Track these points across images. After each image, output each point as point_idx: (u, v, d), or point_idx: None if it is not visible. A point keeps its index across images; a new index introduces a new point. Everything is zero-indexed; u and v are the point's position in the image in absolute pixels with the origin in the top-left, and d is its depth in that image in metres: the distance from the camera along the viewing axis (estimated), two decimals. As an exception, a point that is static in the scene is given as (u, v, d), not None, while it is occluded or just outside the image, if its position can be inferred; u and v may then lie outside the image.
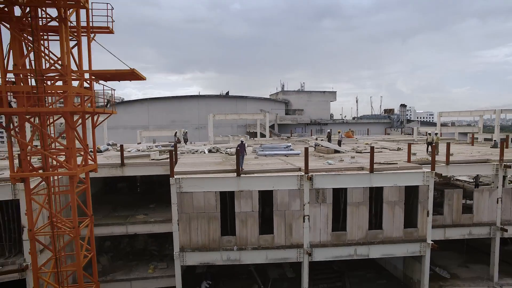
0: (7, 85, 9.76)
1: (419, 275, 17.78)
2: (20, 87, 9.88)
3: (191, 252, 16.13)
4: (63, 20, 10.02)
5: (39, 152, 10.63)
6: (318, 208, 16.12)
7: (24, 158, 10.41)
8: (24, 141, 10.36)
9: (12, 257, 15.28)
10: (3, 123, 10.49)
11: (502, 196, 18.71)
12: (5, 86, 9.70)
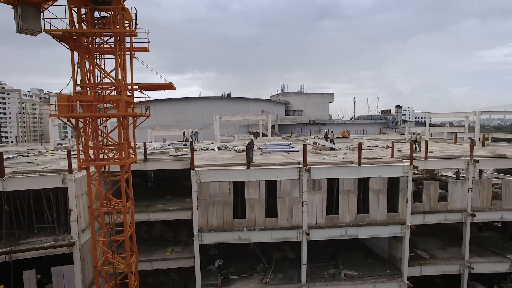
0: (76, 95, 12.85)
1: (400, 253, 20.92)
2: (86, 96, 12.95)
3: (208, 232, 19.24)
4: (118, 44, 13.12)
5: (99, 147, 13.69)
6: (314, 195, 19.25)
7: (86, 151, 13.49)
8: (88, 138, 13.44)
9: (61, 235, 18.38)
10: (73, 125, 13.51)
11: (472, 186, 21.84)
12: (75, 96, 12.79)
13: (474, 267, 22.23)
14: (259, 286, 19.99)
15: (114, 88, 13.43)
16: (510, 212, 22.22)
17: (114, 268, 14.33)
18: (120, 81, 13.15)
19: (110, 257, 14.72)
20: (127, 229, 14.18)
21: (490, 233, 27.75)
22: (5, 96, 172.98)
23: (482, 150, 27.09)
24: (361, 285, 20.32)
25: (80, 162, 13.58)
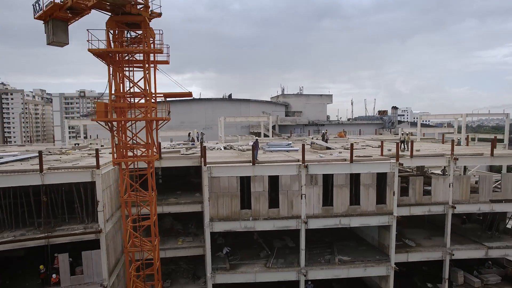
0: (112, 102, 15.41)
1: (388, 241, 23.50)
2: (120, 104, 15.48)
3: (217, 221, 21.82)
4: (146, 59, 15.68)
5: (131, 146, 16.24)
6: (312, 189, 21.85)
7: (118, 150, 16.03)
8: (120, 138, 15.99)
9: (89, 224, 20.95)
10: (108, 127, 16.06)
11: (453, 182, 24.45)
12: (111, 103, 15.33)
13: (455, 253, 24.84)
14: (263, 269, 22.57)
15: (143, 96, 15.98)
16: (486, 204, 24.86)
17: (141, 249, 16.89)
18: (148, 91, 15.71)
19: (137, 240, 17.28)
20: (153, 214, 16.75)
21: (472, 225, 30.39)
22: (8, 96, 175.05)
23: (464, 149, 29.73)
24: (353, 268, 22.94)
25: (114, 158, 16.15)
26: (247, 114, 68.18)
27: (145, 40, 15.40)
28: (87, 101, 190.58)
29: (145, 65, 15.68)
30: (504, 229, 28.19)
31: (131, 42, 16.21)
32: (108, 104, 15.38)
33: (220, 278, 22.14)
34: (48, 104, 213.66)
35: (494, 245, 25.64)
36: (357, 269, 22.93)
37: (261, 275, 22.37)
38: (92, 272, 20.83)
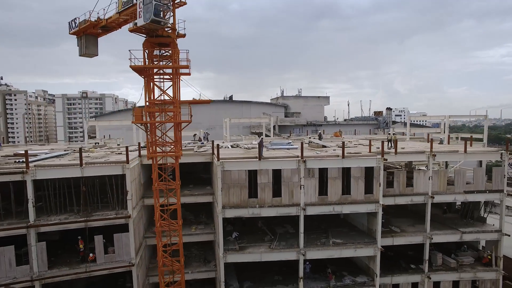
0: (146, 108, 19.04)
1: (376, 226, 27.15)
2: (153, 109, 19.07)
3: (229, 209, 25.44)
4: (174, 73, 19.31)
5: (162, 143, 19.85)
6: (309, 181, 25.52)
7: (151, 146, 19.64)
8: (153, 137, 19.59)
9: (120, 210, 24.58)
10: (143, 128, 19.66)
11: (432, 175, 28.18)
12: (146, 108, 18.95)
13: (434, 237, 28.58)
14: (267, 250, 26.23)
15: (171, 103, 19.61)
16: (461, 194, 28.63)
17: (169, 228, 20.53)
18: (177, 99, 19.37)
19: (164, 222, 20.91)
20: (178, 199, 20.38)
21: (452, 215, 34.15)
22: (12, 97, 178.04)
23: (444, 147, 33.50)
24: (345, 249, 26.64)
25: (148, 154, 19.78)
26: (249, 115, 71.85)
27: (173, 57, 19.05)
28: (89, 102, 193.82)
29: (174, 78, 19.32)
30: (478, 217, 31.98)
31: (161, 59, 19.84)
32: (144, 109, 19.00)
33: (230, 257, 25.75)
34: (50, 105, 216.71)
35: (467, 230, 29.42)
36: (348, 250, 26.63)
37: (266, 255, 26.03)
38: (122, 251, 24.51)
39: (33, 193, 22.13)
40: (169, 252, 21.99)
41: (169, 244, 21.95)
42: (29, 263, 22.46)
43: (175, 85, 19.31)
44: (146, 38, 19.28)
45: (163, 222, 21.22)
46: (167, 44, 19.58)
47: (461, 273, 29.46)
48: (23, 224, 22.12)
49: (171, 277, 22.52)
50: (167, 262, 21.81)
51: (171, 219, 21.90)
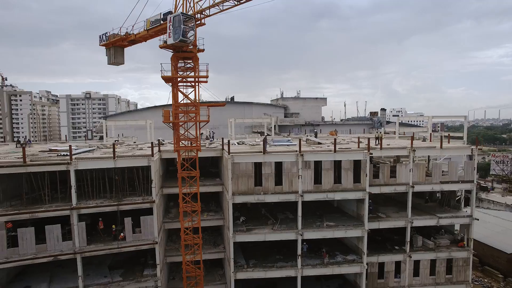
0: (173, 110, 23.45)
1: (363, 211, 31.57)
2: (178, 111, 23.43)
3: (237, 195, 29.81)
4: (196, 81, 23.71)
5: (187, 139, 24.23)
6: (306, 171, 29.93)
7: (178, 142, 24.03)
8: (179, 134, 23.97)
9: (145, 197, 28.95)
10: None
11: (412, 168, 32.62)
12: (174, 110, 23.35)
13: (414, 222, 33.02)
14: (270, 231, 30.65)
15: (193, 105, 24.01)
16: (437, 184, 33.11)
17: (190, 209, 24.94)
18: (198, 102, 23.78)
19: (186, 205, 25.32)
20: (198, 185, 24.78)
21: (433, 204, 38.57)
22: (17, 98, 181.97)
23: (423, 143, 38.01)
24: (337, 231, 31.08)
25: (175, 147, 24.18)
26: (250, 116, 76.19)
27: (195, 69, 23.46)
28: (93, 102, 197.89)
29: (195, 86, 23.71)
30: (453, 205, 36.48)
31: (185, 70, 24.24)
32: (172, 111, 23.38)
33: (239, 237, 30.14)
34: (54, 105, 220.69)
35: (443, 215, 33.92)
36: (340, 231, 31.09)
37: (269, 235, 30.46)
38: (147, 231, 28.91)
39: (75, 180, 26.49)
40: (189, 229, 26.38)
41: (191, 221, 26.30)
42: (72, 239, 26.83)
43: (196, 91, 23.75)
44: (173, 53, 23.67)
45: (185, 204, 25.63)
46: (190, 58, 23.98)
47: (438, 253, 33.93)
48: (67, 206, 26.49)
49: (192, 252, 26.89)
50: (189, 238, 26.19)
51: (191, 202, 26.29)
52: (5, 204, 26.67)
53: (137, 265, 31.86)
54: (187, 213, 26.39)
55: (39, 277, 29.07)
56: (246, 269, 30.57)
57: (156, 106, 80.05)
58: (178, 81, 24.08)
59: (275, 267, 31.01)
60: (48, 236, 26.29)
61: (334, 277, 34.88)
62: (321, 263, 31.53)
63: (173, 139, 24.36)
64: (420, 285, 34.07)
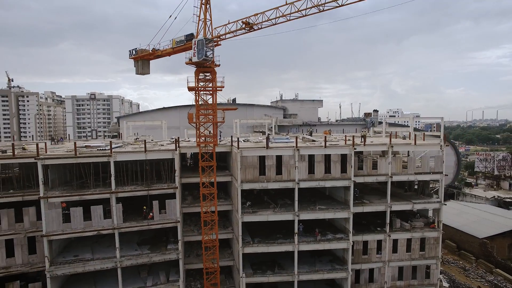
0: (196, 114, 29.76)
1: (349, 197, 37.87)
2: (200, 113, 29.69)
3: (245, 183, 36.08)
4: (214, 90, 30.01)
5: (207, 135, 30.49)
6: (301, 163, 36.25)
7: (199, 138, 30.30)
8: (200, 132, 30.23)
9: (169, 184, 35.22)
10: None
11: (391, 161, 38.96)
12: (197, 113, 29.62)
13: (392, 206, 39.37)
14: (272, 213, 36.93)
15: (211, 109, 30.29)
16: (412, 175, 39.48)
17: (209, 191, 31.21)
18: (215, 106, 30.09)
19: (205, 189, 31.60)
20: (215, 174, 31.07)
21: (411, 193, 44.97)
22: (25, 99, 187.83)
23: (401, 141, 44.41)
24: (327, 212, 37.42)
25: (198, 142, 30.46)
26: (252, 117, 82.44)
27: (213, 80, 29.77)
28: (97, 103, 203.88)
29: (213, 94, 30.00)
30: (427, 193, 42.91)
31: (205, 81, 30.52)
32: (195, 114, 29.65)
33: (246, 218, 36.39)
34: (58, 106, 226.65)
35: (418, 201, 40.34)
36: (330, 213, 37.43)
37: (271, 216, 36.75)
38: (171, 212, 35.16)
39: (114, 170, 32.74)
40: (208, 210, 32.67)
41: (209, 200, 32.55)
42: (111, 218, 33.07)
43: (214, 97, 30.03)
44: (196, 68, 29.97)
45: (204, 189, 31.92)
46: (209, 71, 30.30)
47: (413, 233, 40.32)
48: (108, 191, 32.75)
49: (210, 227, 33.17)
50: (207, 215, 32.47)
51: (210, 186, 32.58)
52: (59, 188, 32.97)
53: (160, 242, 38.12)
54: (205, 196, 32.67)
55: (82, 249, 35.34)
56: (252, 245, 36.90)
57: (164, 108, 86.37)
58: (199, 90, 30.40)
59: (276, 243, 37.36)
60: (92, 215, 32.56)
61: (325, 254, 41.25)
62: (314, 240, 37.86)
63: (196, 136, 30.67)
64: (398, 260, 40.46)
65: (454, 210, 69.78)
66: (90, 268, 32.93)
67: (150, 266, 37.96)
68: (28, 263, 32.44)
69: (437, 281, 41.15)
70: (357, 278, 40.32)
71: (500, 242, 55.86)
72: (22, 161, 31.87)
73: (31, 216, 32.26)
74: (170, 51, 33.37)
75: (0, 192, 31.98)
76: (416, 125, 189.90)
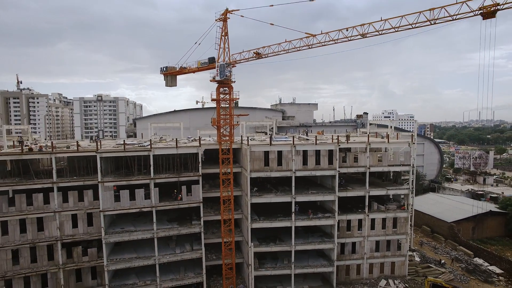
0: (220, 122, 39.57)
1: (335, 184, 47.72)
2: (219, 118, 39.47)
3: (253, 172, 45.92)
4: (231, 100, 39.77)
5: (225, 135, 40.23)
6: (297, 157, 46.12)
7: (219, 136, 40.04)
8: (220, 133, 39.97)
9: (194, 172, 45.00)
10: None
11: (369, 155, 48.88)
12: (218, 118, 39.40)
13: (370, 192, 49.31)
14: (274, 196, 46.76)
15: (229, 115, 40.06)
16: (386, 167, 49.47)
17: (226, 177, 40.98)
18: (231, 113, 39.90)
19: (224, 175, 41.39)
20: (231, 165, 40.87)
21: (388, 182, 54.94)
22: (35, 100, 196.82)
23: (379, 139, 54.36)
24: (317, 195, 47.28)
25: (219, 140, 40.24)
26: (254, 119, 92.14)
27: (230, 93, 39.56)
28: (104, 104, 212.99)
29: (230, 103, 39.77)
30: (400, 182, 52.93)
31: (224, 94, 40.29)
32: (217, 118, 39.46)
33: (254, 200, 46.18)
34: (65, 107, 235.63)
35: (391, 188, 50.33)
36: (320, 196, 47.32)
37: (274, 198, 46.60)
38: (196, 195, 44.93)
39: (153, 161, 42.46)
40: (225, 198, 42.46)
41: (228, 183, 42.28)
42: (150, 198, 42.78)
43: (230, 106, 39.83)
44: (218, 84, 39.78)
45: (223, 175, 41.75)
46: (227, 86, 40.10)
47: (387, 213, 50.27)
48: (148, 177, 42.49)
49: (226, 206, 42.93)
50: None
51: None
52: (111, 175, 42.71)
53: (185, 220, 47.85)
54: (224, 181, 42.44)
55: (125, 224, 45.07)
56: (258, 221, 46.73)
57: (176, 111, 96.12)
58: (219, 101, 40.19)
59: (277, 220, 47.21)
60: (136, 196, 42.27)
61: (316, 231, 51.15)
62: (308, 218, 47.73)
63: (217, 135, 40.46)
64: (375, 235, 50.38)
65: (431, 200, 79.98)
66: (134, 237, 42.66)
67: (176, 240, 47.73)
68: (87, 233, 42.09)
69: (406, 252, 51.14)
70: (342, 250, 50.20)
71: (465, 226, 65.91)
72: (85, 154, 41.58)
73: (89, 197, 41.89)
74: (195, 70, 43.21)
75: (67, 178, 41.61)
76: (411, 126, 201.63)
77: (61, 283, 40.97)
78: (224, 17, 38.01)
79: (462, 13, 25.18)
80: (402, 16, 27.99)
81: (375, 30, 30.12)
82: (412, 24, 27.76)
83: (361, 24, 30.69)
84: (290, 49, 36.30)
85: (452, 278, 50.80)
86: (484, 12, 24.42)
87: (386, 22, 28.70)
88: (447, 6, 26.06)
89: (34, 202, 40.03)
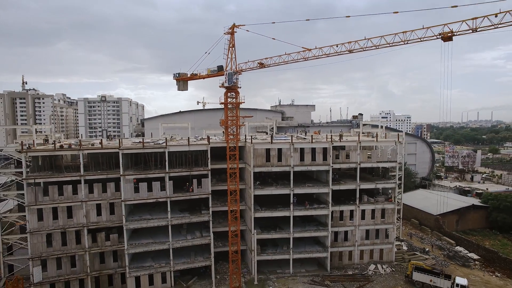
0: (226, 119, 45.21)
1: (329, 178, 53.42)
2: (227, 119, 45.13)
3: (256, 167, 51.58)
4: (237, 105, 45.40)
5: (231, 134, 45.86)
6: (295, 153, 51.80)
7: (227, 135, 45.64)
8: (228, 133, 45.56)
9: (204, 167, 50.63)
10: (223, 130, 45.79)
11: (359, 152, 54.58)
12: (226, 119, 45.03)
13: (361, 185, 55.05)
14: (274, 189, 52.43)
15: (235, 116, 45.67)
16: (375, 163, 55.19)
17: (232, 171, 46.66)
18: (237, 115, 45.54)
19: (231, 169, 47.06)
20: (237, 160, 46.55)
21: (377, 177, 60.68)
22: (40, 101, 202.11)
23: (369, 139, 60.14)
24: (313, 188, 53.00)
25: (226, 138, 45.86)
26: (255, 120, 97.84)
27: (236, 97, 45.20)
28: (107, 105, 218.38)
29: (236, 107, 45.41)
30: (388, 176, 58.70)
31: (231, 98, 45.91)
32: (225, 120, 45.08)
33: (256, 192, 51.85)
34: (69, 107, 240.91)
35: (379, 182, 56.09)
36: (315, 189, 53.03)
37: (274, 190, 52.27)
38: (205, 187, 50.60)
39: (168, 157, 48.06)
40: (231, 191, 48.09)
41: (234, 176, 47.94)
42: (165, 190, 48.41)
43: (237, 109, 45.48)
44: (226, 90, 45.43)
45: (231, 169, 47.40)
46: (234, 91, 45.76)
47: (376, 205, 56.03)
48: (163, 171, 48.12)
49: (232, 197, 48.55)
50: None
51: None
52: (131, 169, 48.34)
53: (195, 210, 53.50)
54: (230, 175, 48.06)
55: (142, 214, 50.69)
56: (260, 211, 52.41)
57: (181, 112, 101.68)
58: (227, 104, 45.85)
59: (277, 210, 52.92)
60: (153, 188, 47.90)
61: (312, 221, 56.90)
62: (304, 208, 53.44)
63: (225, 134, 46.04)
64: (365, 225, 56.12)
65: (420, 196, 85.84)
66: (151, 224, 48.31)
67: (187, 228, 53.36)
68: (110, 220, 47.66)
69: (393, 240, 56.90)
70: (335, 238, 55.89)
71: (450, 218, 71.68)
72: (109, 151, 47.13)
73: (112, 188, 47.46)
74: (204, 76, 48.89)
75: (93, 172, 47.21)
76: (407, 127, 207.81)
77: (87, 264, 46.53)
78: (232, 31, 43.66)
79: (427, 37, 31.07)
80: (381, 36, 33.80)
81: (360, 47, 35.83)
82: (389, 43, 33.53)
83: (348, 42, 36.47)
84: (289, 61, 41.98)
85: (434, 263, 56.55)
86: (443, 36, 30.21)
87: (369, 40, 34.40)
88: (416, 30, 31.96)
89: (64, 193, 45.61)
